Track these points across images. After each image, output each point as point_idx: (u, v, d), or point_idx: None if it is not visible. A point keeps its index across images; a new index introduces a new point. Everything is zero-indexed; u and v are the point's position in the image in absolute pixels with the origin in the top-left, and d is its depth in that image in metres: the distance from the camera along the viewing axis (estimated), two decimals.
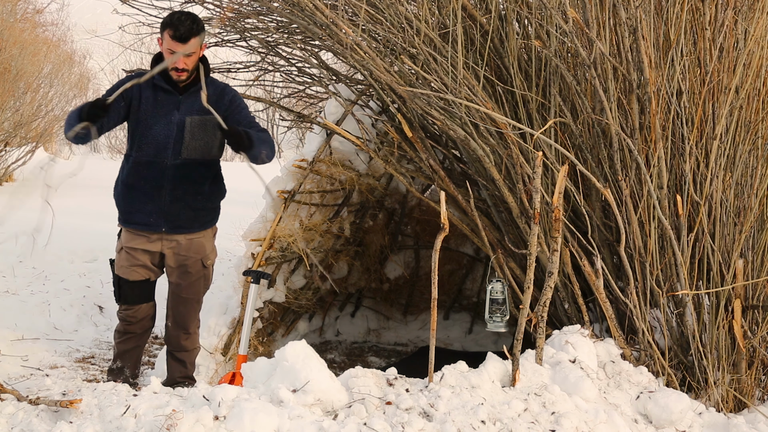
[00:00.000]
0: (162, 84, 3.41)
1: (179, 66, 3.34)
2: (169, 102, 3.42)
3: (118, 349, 3.76)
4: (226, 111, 3.45)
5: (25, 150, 13.26)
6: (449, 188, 4.06)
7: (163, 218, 3.49)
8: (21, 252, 6.83)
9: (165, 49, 3.33)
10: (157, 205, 3.47)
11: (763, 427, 3.16)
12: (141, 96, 3.41)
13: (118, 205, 3.57)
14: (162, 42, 3.36)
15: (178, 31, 3.28)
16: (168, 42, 3.30)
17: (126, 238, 3.58)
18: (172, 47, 3.30)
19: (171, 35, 3.29)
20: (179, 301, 3.72)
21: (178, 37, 3.29)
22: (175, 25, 3.29)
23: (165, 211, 3.48)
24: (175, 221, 3.51)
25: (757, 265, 3.43)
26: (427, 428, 2.60)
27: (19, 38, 12.05)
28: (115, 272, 3.65)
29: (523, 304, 2.99)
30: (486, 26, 3.73)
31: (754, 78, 3.43)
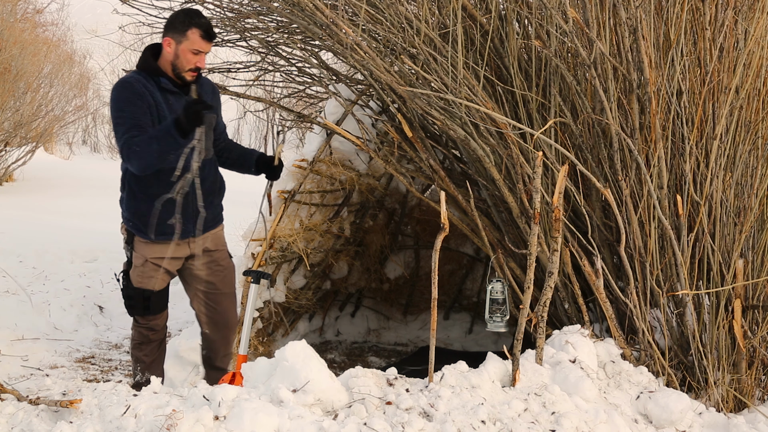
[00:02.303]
0: (170, 87, 3.32)
1: (201, 65, 3.31)
2: (179, 104, 3.32)
3: (146, 361, 3.61)
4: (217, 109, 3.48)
5: (25, 150, 13.28)
6: (449, 188, 4.06)
7: (193, 222, 3.42)
8: (21, 252, 6.84)
9: (187, 49, 3.25)
10: (186, 210, 3.37)
11: (763, 427, 3.16)
12: (156, 101, 3.28)
13: (142, 218, 3.37)
14: (178, 42, 3.26)
15: (208, 31, 3.27)
16: (196, 42, 3.25)
17: (150, 251, 3.42)
18: (200, 47, 3.26)
19: (201, 35, 3.25)
20: (219, 298, 3.58)
21: (207, 37, 3.27)
22: (204, 25, 3.26)
23: (190, 215, 3.40)
24: (203, 223, 3.46)
25: (757, 265, 3.43)
26: (427, 428, 2.60)
27: (19, 38, 12.06)
28: (136, 285, 3.47)
29: (523, 304, 2.99)
30: (486, 26, 3.73)
31: (754, 78, 3.43)
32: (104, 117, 22.27)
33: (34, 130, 13.32)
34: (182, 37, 3.26)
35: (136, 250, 3.46)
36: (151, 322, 3.56)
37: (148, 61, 3.32)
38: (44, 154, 16.45)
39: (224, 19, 4.82)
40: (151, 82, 3.28)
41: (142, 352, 3.61)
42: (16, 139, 12.94)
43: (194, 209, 3.39)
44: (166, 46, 3.30)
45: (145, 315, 3.53)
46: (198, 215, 3.39)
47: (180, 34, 3.26)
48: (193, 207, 3.39)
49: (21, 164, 13.08)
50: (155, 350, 3.63)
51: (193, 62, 3.28)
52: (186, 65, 3.29)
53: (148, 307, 3.51)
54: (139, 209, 3.37)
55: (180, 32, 3.26)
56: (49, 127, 14.27)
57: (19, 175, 13.28)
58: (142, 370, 3.61)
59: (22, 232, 8.11)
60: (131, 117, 3.19)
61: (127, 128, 3.17)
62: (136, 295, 3.49)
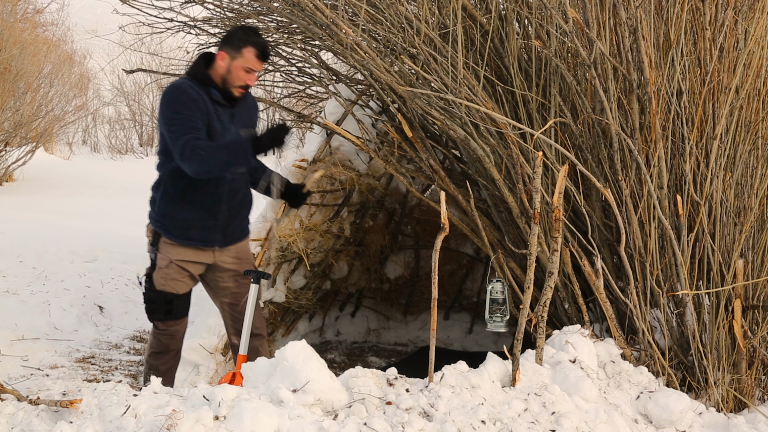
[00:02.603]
0: (219, 98, 3.32)
1: (251, 83, 3.34)
2: (226, 116, 3.35)
3: (162, 370, 3.57)
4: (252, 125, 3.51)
5: (25, 150, 13.28)
6: (449, 188, 4.06)
7: (220, 233, 3.44)
8: (21, 252, 6.84)
9: (240, 66, 3.27)
10: (215, 220, 3.41)
11: (764, 427, 3.16)
12: (207, 110, 3.29)
13: (171, 220, 3.40)
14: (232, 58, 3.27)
15: (264, 51, 3.29)
16: (251, 61, 3.27)
17: (175, 252, 3.42)
18: (253, 66, 3.28)
19: (257, 55, 3.27)
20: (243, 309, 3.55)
21: (262, 57, 3.29)
22: (260, 45, 3.28)
23: (222, 225, 3.43)
24: (230, 235, 3.49)
25: (757, 265, 3.43)
26: (427, 428, 2.60)
27: (20, 38, 12.07)
28: (159, 288, 3.46)
29: (523, 304, 2.99)
30: (486, 26, 3.73)
31: (754, 78, 3.43)
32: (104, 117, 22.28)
33: (34, 130, 13.33)
34: (237, 54, 3.27)
35: (161, 252, 3.45)
36: (171, 328, 3.53)
37: (201, 70, 3.33)
38: (44, 154, 16.45)
39: (224, 19, 4.83)
40: (203, 90, 3.29)
41: (158, 360, 3.58)
42: (16, 139, 12.95)
43: (224, 220, 3.42)
44: (219, 59, 3.31)
45: (165, 320, 3.50)
46: (226, 226, 3.43)
47: (235, 50, 3.27)
48: (223, 217, 3.42)
49: (21, 164, 13.09)
50: (171, 359, 3.61)
51: (244, 79, 3.30)
52: (237, 81, 3.30)
53: (170, 312, 3.49)
54: (171, 211, 3.39)
55: (236, 48, 3.27)
56: (49, 127, 14.28)
57: (19, 175, 13.29)
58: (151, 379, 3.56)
59: (22, 232, 8.12)
60: (189, 120, 3.20)
61: (187, 129, 3.17)
62: (159, 299, 3.47)
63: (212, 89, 3.30)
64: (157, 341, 3.56)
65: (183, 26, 4.98)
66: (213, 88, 3.31)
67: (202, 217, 3.38)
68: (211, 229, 3.42)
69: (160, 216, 3.42)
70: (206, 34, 5.02)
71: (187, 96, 3.24)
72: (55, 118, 14.36)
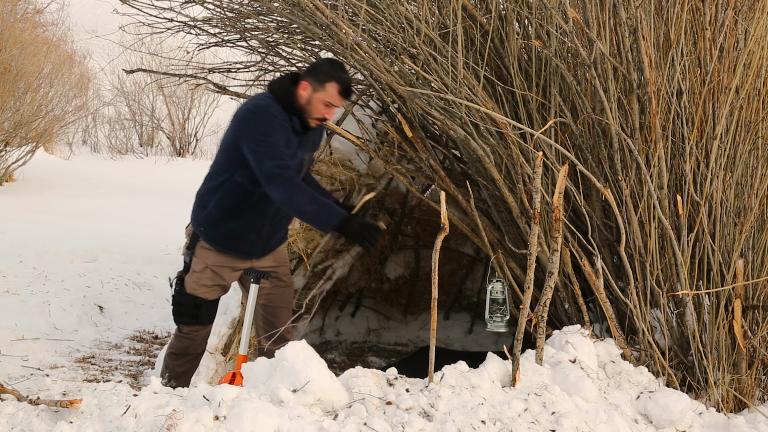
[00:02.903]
0: (297, 126, 3.33)
1: (329, 117, 3.35)
2: (297, 142, 3.37)
3: (177, 372, 3.59)
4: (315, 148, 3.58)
5: (25, 150, 13.28)
6: (449, 188, 4.06)
7: (261, 246, 3.49)
8: (21, 252, 6.84)
9: (321, 99, 3.27)
10: (259, 235, 3.45)
11: (764, 427, 3.16)
12: (288, 138, 3.32)
13: (216, 229, 3.42)
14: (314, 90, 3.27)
15: (347, 89, 3.30)
16: (332, 96, 3.27)
17: (212, 257, 3.45)
18: (335, 101, 3.28)
19: (340, 91, 3.27)
20: (277, 312, 3.62)
21: (344, 94, 3.30)
22: (345, 81, 3.29)
23: (264, 240, 3.48)
24: (270, 247, 3.54)
25: (757, 265, 3.43)
26: (428, 428, 2.60)
27: (20, 38, 12.07)
28: (189, 291, 3.47)
29: (523, 304, 2.99)
30: (486, 26, 3.73)
31: (754, 78, 3.43)
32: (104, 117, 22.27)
33: (34, 130, 13.33)
34: (320, 87, 3.27)
35: (197, 256, 3.48)
36: (194, 333, 3.53)
37: (289, 98, 3.31)
38: (44, 154, 16.45)
39: (224, 19, 4.83)
40: (287, 117, 3.29)
41: (176, 362, 3.59)
42: (16, 139, 12.94)
43: (266, 234, 3.47)
44: (301, 89, 3.30)
45: (191, 324, 3.51)
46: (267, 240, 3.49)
47: (319, 83, 3.27)
48: (266, 232, 3.46)
49: (21, 164, 13.09)
50: (189, 363, 3.62)
51: (323, 113, 3.30)
52: (315, 113, 3.30)
53: (197, 316, 3.49)
54: (218, 221, 3.41)
55: (319, 81, 3.27)
56: (49, 127, 14.27)
57: (19, 175, 13.29)
58: (169, 378, 3.59)
59: (22, 232, 8.12)
60: (277, 145, 3.20)
61: (276, 155, 3.17)
62: (188, 302, 3.47)
63: (294, 117, 3.31)
64: (178, 343, 3.56)
65: (183, 26, 4.98)
66: (295, 116, 3.31)
67: (247, 230, 3.42)
68: (253, 242, 3.47)
69: (205, 223, 3.44)
70: (206, 34, 5.03)
71: (276, 122, 3.24)
72: (55, 118, 14.36)
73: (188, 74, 5.27)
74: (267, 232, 3.47)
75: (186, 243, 3.53)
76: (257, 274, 3.39)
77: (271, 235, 3.50)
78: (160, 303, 6.19)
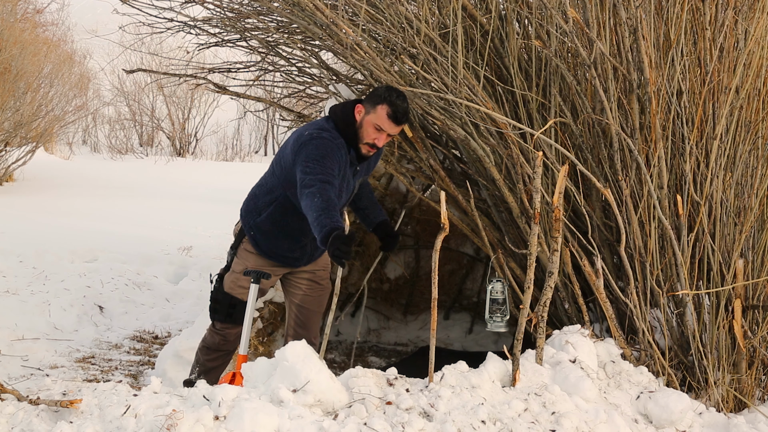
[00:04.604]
0: (354, 160, 3.31)
1: (379, 144, 3.25)
2: (351, 172, 3.35)
3: (207, 366, 3.63)
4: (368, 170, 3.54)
5: (25, 150, 13.29)
6: (449, 188, 4.06)
7: (306, 259, 3.54)
8: (21, 252, 6.84)
9: (371, 122, 3.21)
10: (302, 251, 3.50)
11: (764, 427, 3.16)
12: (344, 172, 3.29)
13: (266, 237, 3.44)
14: (367, 113, 3.22)
15: (399, 113, 3.18)
16: (382, 119, 3.19)
17: (253, 260, 3.49)
18: (383, 125, 3.20)
19: (389, 114, 3.17)
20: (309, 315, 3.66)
21: (395, 119, 3.19)
22: (396, 105, 3.17)
23: (308, 256, 3.53)
24: (314, 258, 3.58)
25: (757, 265, 3.43)
26: (428, 428, 2.60)
27: (20, 38, 12.07)
28: (227, 290, 3.52)
29: (523, 304, 2.99)
30: (486, 26, 3.73)
31: (754, 78, 3.43)
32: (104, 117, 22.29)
33: (34, 130, 13.34)
34: (372, 109, 3.21)
35: (239, 257, 3.52)
36: (226, 331, 3.57)
37: (348, 129, 3.26)
38: (44, 154, 16.46)
39: (224, 19, 4.82)
40: (347, 150, 3.26)
41: (208, 356, 3.63)
42: (16, 139, 12.95)
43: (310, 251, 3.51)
44: (357, 112, 3.27)
45: (225, 321, 3.55)
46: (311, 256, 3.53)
47: (371, 105, 3.22)
48: (310, 248, 3.49)
49: (21, 164, 13.10)
50: (220, 359, 3.65)
51: (373, 137, 3.23)
52: (365, 138, 3.24)
53: (231, 315, 3.53)
54: (269, 232, 3.43)
55: (372, 104, 3.22)
56: (49, 127, 14.28)
57: (19, 175, 13.29)
58: (199, 372, 3.62)
59: (22, 232, 8.12)
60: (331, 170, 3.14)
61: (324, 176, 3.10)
62: (224, 301, 3.52)
63: (352, 149, 3.27)
64: (211, 338, 3.62)
65: (183, 26, 4.98)
66: (354, 148, 3.27)
67: (292, 248, 3.47)
68: (297, 259, 3.53)
69: (257, 229, 3.46)
70: (206, 34, 5.03)
71: (336, 154, 3.20)
72: (55, 118, 14.37)
73: (188, 74, 5.27)
74: (310, 248, 3.51)
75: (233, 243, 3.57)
76: (257, 274, 3.39)
77: (315, 248, 3.53)
78: (160, 303, 6.19)
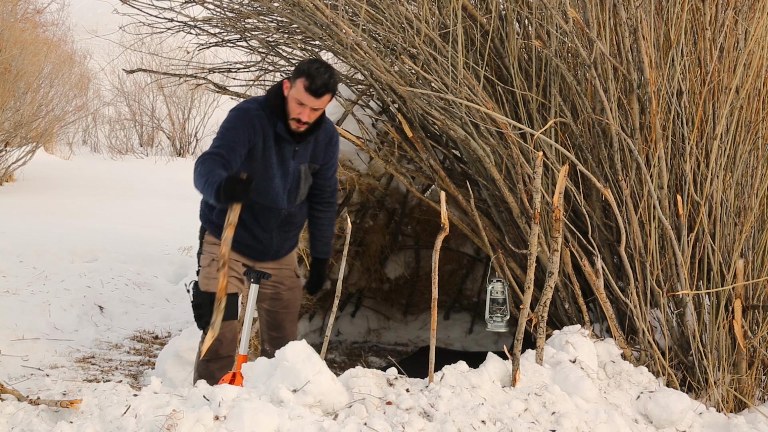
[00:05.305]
0: (283, 133, 3.17)
1: (303, 119, 3.11)
2: (288, 151, 3.24)
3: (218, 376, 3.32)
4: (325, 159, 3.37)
5: (25, 150, 13.28)
6: (449, 188, 4.07)
7: (269, 254, 3.42)
8: (21, 252, 6.84)
9: (293, 97, 3.09)
10: (266, 246, 3.38)
11: (764, 427, 3.16)
12: (265, 144, 3.18)
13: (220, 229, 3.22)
14: (290, 87, 3.10)
15: (314, 84, 3.03)
16: (300, 92, 3.05)
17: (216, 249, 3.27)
18: (303, 99, 3.06)
19: (306, 86, 3.04)
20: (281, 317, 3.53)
21: (313, 91, 3.04)
22: (313, 76, 3.03)
23: (273, 250, 3.41)
24: (278, 255, 3.46)
25: (757, 265, 3.43)
26: (428, 428, 2.60)
27: (20, 38, 12.07)
28: (203, 289, 3.32)
29: (523, 304, 2.99)
30: (486, 26, 3.73)
31: (754, 78, 3.43)
32: (104, 117, 22.28)
33: (34, 130, 13.33)
34: (293, 84, 3.10)
35: (204, 251, 3.39)
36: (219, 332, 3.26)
37: (276, 101, 3.17)
38: (44, 154, 16.44)
39: (224, 19, 4.83)
40: (270, 123, 3.17)
41: (215, 365, 3.40)
42: (17, 139, 12.94)
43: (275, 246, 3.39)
44: (285, 88, 3.15)
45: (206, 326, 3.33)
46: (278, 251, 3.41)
47: (293, 79, 3.11)
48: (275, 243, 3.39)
49: (21, 164, 13.09)
50: (227, 366, 3.42)
51: (297, 112, 3.10)
52: (291, 113, 3.13)
53: None
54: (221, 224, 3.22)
55: (294, 78, 3.10)
56: (50, 127, 14.28)
57: (20, 175, 13.28)
58: None
59: (22, 232, 8.11)
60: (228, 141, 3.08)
61: (216, 146, 3.07)
62: (205, 300, 3.30)
63: (279, 122, 3.16)
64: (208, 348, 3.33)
65: (183, 26, 4.98)
66: (280, 120, 3.16)
67: (254, 240, 3.35)
68: (260, 252, 3.40)
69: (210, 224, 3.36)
70: (206, 34, 5.03)
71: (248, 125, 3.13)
72: (55, 118, 14.36)
73: (188, 74, 5.27)
74: (275, 243, 3.40)
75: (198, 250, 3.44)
76: (257, 274, 3.37)
77: (279, 244, 3.42)
78: (160, 303, 6.18)
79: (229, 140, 3.11)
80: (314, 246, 3.57)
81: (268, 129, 3.18)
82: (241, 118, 3.15)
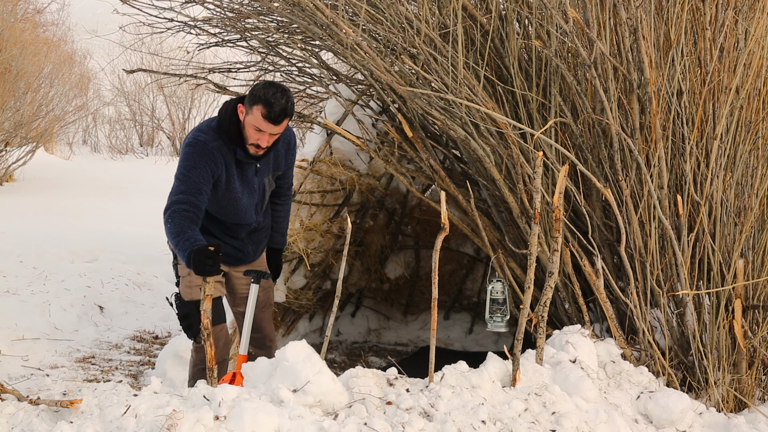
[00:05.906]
0: (243, 158, 3.17)
1: (262, 144, 3.09)
2: (250, 171, 3.25)
3: None
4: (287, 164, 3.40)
5: (25, 150, 13.28)
6: (449, 188, 4.07)
7: (247, 260, 3.48)
8: (21, 252, 6.84)
9: (251, 123, 3.06)
10: (244, 253, 3.44)
11: (764, 427, 3.16)
12: (228, 173, 3.18)
13: None
14: (246, 113, 3.07)
15: (272, 112, 3.01)
16: (258, 120, 3.02)
17: None
18: (261, 126, 3.03)
19: (264, 114, 3.00)
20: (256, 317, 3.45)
21: (272, 119, 3.02)
22: (270, 103, 3.00)
23: (250, 255, 3.47)
24: (254, 258, 3.52)
25: (757, 265, 3.43)
26: (428, 428, 2.60)
27: (20, 38, 12.07)
28: (187, 299, 3.32)
29: (523, 304, 2.99)
30: (486, 26, 3.73)
31: (754, 78, 3.43)
32: (104, 117, 22.29)
33: (34, 130, 13.33)
34: (249, 110, 3.06)
35: (180, 262, 3.38)
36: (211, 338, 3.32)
37: (231, 128, 3.13)
38: (44, 154, 16.44)
39: (224, 19, 4.83)
40: (230, 150, 3.15)
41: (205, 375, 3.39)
42: (17, 139, 12.94)
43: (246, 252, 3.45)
44: (240, 113, 3.13)
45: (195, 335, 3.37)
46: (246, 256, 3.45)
47: (249, 105, 3.06)
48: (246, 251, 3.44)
49: (21, 164, 13.09)
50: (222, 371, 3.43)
51: (255, 138, 3.08)
52: (249, 139, 3.10)
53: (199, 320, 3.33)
54: None
55: (249, 104, 3.06)
56: (50, 127, 14.28)
57: (20, 175, 13.28)
58: None
59: (22, 232, 8.11)
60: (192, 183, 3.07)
61: (182, 191, 3.07)
62: (191, 309, 3.32)
63: (238, 149, 3.14)
64: (201, 356, 3.39)
65: (183, 26, 4.98)
66: (239, 147, 3.14)
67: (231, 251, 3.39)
68: (239, 259, 3.45)
69: None
70: (206, 34, 5.03)
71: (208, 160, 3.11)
72: (55, 118, 14.36)
73: (188, 74, 5.27)
74: (252, 249, 3.46)
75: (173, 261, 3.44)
76: (257, 274, 3.38)
77: (255, 250, 3.49)
78: (160, 303, 6.18)
79: (193, 182, 3.09)
80: (272, 237, 3.60)
81: (229, 157, 3.16)
82: (200, 154, 3.11)
